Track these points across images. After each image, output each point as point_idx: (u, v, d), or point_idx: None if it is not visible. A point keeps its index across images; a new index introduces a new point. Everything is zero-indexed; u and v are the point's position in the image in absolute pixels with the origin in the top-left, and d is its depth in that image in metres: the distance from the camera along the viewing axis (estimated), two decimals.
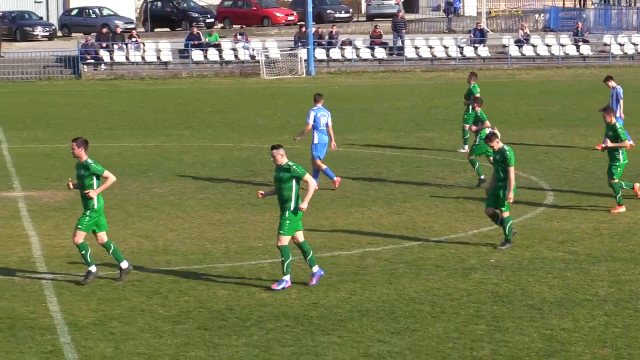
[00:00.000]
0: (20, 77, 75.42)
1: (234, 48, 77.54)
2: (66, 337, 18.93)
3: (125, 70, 75.45)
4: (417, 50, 78.84)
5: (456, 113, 51.75)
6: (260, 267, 23.65)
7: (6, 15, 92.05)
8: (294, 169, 21.38)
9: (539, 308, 20.20)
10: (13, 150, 41.97)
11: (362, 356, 17.64)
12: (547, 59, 77.80)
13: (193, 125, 49.36)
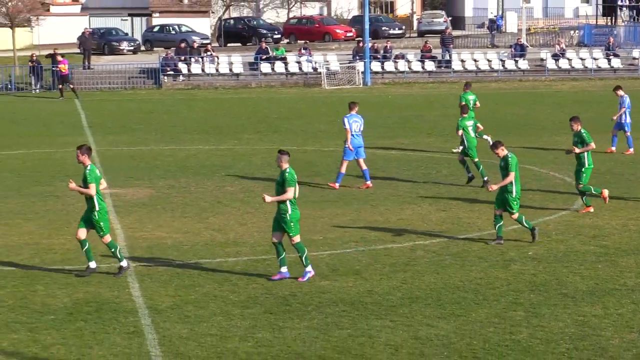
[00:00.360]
0: (107, 87, 75.79)
1: (299, 61, 77.54)
2: (147, 320, 19.07)
3: (201, 81, 75.62)
4: (463, 63, 78.58)
5: (498, 120, 51.56)
6: (320, 257, 23.62)
7: (95, 31, 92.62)
8: (286, 176, 21.44)
9: (572, 296, 20.13)
10: (100, 152, 42.10)
11: (412, 339, 17.62)
12: (581, 72, 77.28)
13: (261, 130, 49.39)
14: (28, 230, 27.05)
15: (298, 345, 17.43)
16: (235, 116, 56.72)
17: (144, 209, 29.58)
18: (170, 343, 17.71)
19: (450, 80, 75.91)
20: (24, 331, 18.52)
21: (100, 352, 17.31)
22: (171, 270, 22.64)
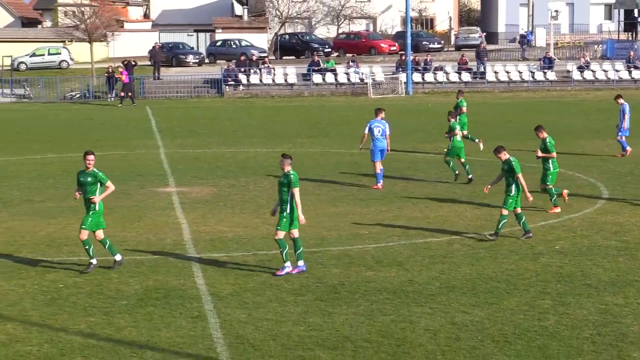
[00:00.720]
0: (175, 95, 76.16)
1: (347, 72, 77.62)
2: (209, 305, 19.14)
3: (259, 90, 75.85)
4: (496, 74, 78.37)
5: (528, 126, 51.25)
6: (366, 250, 23.61)
7: (165, 45, 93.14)
8: (290, 178, 21.26)
9: (596, 287, 20.00)
10: (168, 154, 42.35)
11: (449, 324, 17.59)
12: (604, 82, 76.85)
13: (313, 135, 49.42)
14: None
15: (346, 330, 17.46)
16: (289, 122, 56.82)
17: (207, 205, 29.70)
18: (230, 326, 17.78)
19: (484, 90, 75.78)
20: (99, 315, 18.66)
21: (168, 334, 17.42)
22: (231, 261, 22.70)
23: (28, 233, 26.16)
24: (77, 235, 25.74)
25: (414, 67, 77.32)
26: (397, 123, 51.70)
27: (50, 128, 55.26)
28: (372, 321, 17.96)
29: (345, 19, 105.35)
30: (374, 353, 16.28)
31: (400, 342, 16.79)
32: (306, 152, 42.15)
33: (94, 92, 76.47)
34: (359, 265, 22.07)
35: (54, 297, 19.91)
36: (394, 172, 35.15)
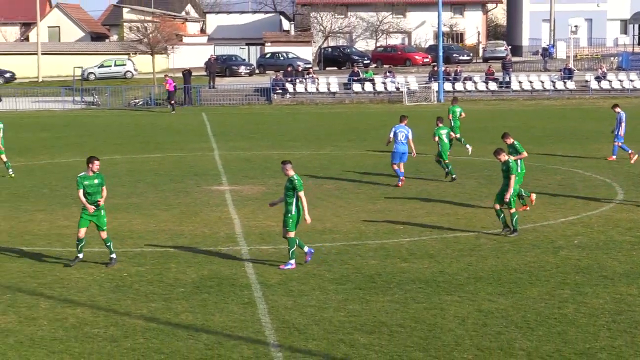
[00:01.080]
0: (228, 103, 76.36)
1: (384, 82, 77.49)
2: (258, 293, 19.20)
3: (304, 98, 75.89)
4: (520, 84, 78.01)
5: (549, 131, 51.02)
6: (401, 244, 23.58)
7: (219, 57, 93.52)
8: (295, 182, 21.11)
9: (611, 278, 19.90)
10: (222, 155, 42.44)
11: (476, 311, 17.56)
12: (619, 91, 76.37)
13: (353, 138, 49.36)
14: (163, 219, 27.35)
15: (382, 316, 17.47)
16: (331, 127, 56.75)
17: (256, 202, 29.77)
18: (277, 312, 17.83)
19: (509, 98, 75.48)
20: (159, 301, 18.76)
21: (221, 318, 17.48)
22: (278, 253, 22.72)
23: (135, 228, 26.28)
24: (139, 228, 26.00)
25: (445, 77, 77.15)
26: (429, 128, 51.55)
27: (116, 132, 55.58)
28: (406, 308, 17.97)
29: (383, 33, 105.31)
30: (407, 337, 16.28)
31: (431, 327, 16.79)
32: (346, 154, 42.17)
33: (155, 99, 76.82)
34: (394, 257, 22.07)
35: (119, 285, 20.06)
36: (427, 173, 35.11)
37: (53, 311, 18.17)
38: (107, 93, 79.44)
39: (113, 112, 72.45)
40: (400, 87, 76.30)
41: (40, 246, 23.92)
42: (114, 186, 33.76)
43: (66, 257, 22.57)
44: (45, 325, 17.34)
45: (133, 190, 32.98)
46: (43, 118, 67.56)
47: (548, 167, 37.05)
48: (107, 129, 57.65)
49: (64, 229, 25.97)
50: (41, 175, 37.21)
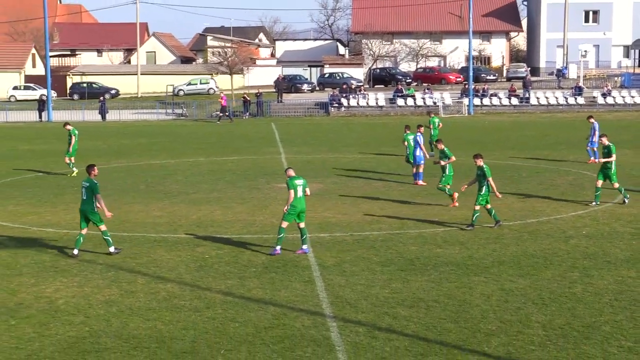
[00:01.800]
0: (293, 114, 76.57)
1: (423, 97, 77.26)
2: (317, 273, 19.22)
3: (357, 111, 75.87)
4: (538, 99, 77.48)
5: (562, 139, 50.47)
6: (436, 233, 23.47)
7: (286, 77, 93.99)
8: (287, 182, 21.14)
9: (614, 263, 19.67)
10: (287, 158, 42.55)
11: (499, 290, 17.47)
12: (622, 106, 75.49)
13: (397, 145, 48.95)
14: (239, 211, 27.45)
15: (420, 293, 17.42)
16: (379, 135, 56.69)
17: (316, 197, 29.66)
18: (332, 289, 17.84)
19: (529, 111, 74.89)
20: (235, 278, 18.84)
21: (286, 294, 17.53)
22: (334, 239, 22.74)
23: (183, 217, 26.51)
24: (219, 218, 26.11)
25: (474, 93, 76.92)
26: (460, 136, 51.45)
27: (200, 139, 55.96)
28: (440, 287, 17.90)
29: (422, 56, 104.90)
30: (441, 311, 16.23)
31: (461, 303, 16.73)
32: (391, 158, 41.99)
33: (233, 111, 77.26)
34: (431, 244, 21.98)
35: (202, 265, 20.18)
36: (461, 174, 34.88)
37: (148, 286, 18.36)
38: (193, 106, 79.97)
39: (198, 122, 72.96)
40: (437, 102, 76.07)
41: (137, 232, 24.17)
42: (198, 183, 34.12)
43: (160, 243, 22.78)
44: (141, 298, 17.52)
45: (214, 186, 33.18)
46: (141, 127, 68.22)
47: (561, 169, 36.72)
48: (193, 136, 58.08)
49: (157, 219, 26.22)
50: (139, 173, 37.57)
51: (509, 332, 15.03)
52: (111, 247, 21.38)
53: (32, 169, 39.52)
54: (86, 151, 47.93)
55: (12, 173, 38.11)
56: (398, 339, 14.75)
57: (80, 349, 14.60)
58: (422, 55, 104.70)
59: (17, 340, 15.10)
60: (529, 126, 62.08)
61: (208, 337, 15.04)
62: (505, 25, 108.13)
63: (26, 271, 19.80)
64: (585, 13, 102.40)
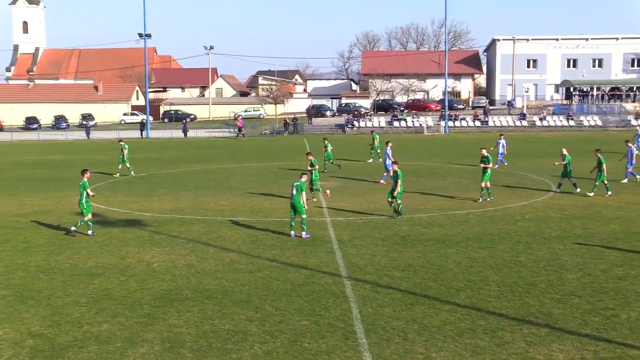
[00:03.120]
0: (319, 132, 76.10)
1: (412, 120, 76.90)
2: (336, 246, 19.15)
3: (365, 130, 75.27)
4: (494, 122, 76.83)
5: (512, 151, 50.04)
6: (422, 218, 23.27)
7: (314, 106, 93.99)
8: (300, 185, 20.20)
9: (548, 239, 19.47)
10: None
11: (467, 259, 17.43)
12: (553, 127, 74.72)
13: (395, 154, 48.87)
14: (280, 201, 27.22)
15: (410, 260, 17.35)
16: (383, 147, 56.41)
17: (336, 191, 29.48)
18: (347, 258, 17.79)
19: (488, 131, 74.16)
20: (277, 249, 18.81)
21: (314, 260, 17.53)
22: (348, 222, 22.63)
23: (241, 205, 26.52)
24: (266, 206, 26.07)
25: (449, 117, 76.50)
26: (439, 148, 51.09)
27: (253, 149, 55.97)
28: (424, 256, 17.81)
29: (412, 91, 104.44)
30: (424, 273, 16.16)
31: (439, 267, 16.65)
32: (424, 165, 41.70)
33: (276, 130, 77.37)
34: (418, 226, 21.84)
35: (254, 240, 20.18)
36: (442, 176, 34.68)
37: (216, 254, 18.39)
38: (248, 126, 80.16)
39: (251, 138, 72.98)
40: (422, 124, 75.69)
41: (209, 216, 24.21)
42: (249, 181, 34.11)
43: (224, 224, 22.79)
44: (211, 262, 17.57)
45: (263, 183, 33.18)
46: (211, 141, 68.37)
47: (510, 172, 36.41)
48: (248, 148, 58.14)
49: (223, 206, 26.25)
50: (211, 174, 37.66)
51: (473, 288, 14.96)
52: (90, 231, 21.01)
53: (135, 171, 39.75)
54: (172, 159, 48.22)
55: (122, 173, 38.36)
56: (394, 293, 14.72)
57: (168, 298, 14.70)
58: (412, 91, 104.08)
59: (125, 291, 15.23)
60: (486, 142, 61.44)
61: (258, 291, 15.07)
62: (471, 69, 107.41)
63: (131, 243, 19.97)
64: (527, 61, 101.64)
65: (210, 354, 11.67)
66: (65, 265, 17.51)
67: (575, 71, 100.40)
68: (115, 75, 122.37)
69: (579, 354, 11.46)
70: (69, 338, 12.52)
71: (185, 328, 12.88)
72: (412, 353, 11.55)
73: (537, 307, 13.66)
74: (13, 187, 33.40)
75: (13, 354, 11.87)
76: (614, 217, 22.73)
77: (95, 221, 22.39)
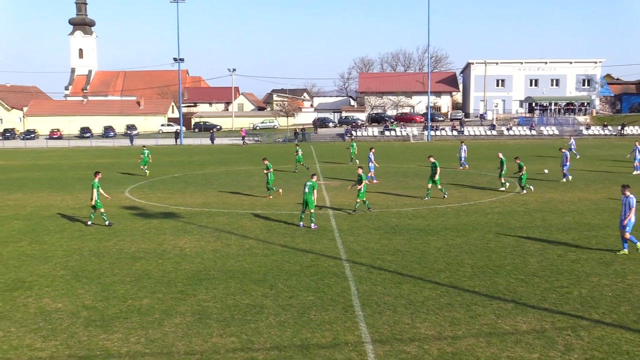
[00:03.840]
0: (323, 140, 76.02)
1: (401, 130, 76.75)
2: (337, 234, 19.01)
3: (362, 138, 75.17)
4: (469, 132, 76.80)
5: (481, 155, 49.73)
6: (408, 210, 23.15)
7: (319, 118, 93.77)
8: (313, 184, 19.99)
9: (513, 229, 19.27)
10: (321, 165, 42.03)
11: (445, 245, 17.28)
12: (518, 136, 74.68)
13: (381, 160, 48.52)
14: (292, 197, 27.15)
15: (398, 246, 17.23)
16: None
17: (337, 189, 29.45)
18: (346, 244, 17.69)
19: (463, 139, 74.11)
20: (289, 237, 18.69)
21: (318, 246, 17.40)
22: (347, 214, 22.54)
23: (258, 200, 26.32)
24: (280, 201, 25.96)
25: (431, 128, 76.23)
26: (422, 154, 50.87)
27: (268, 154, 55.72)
28: (410, 243, 17.70)
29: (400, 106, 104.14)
30: (410, 257, 16.07)
31: (422, 252, 16.55)
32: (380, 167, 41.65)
33: (288, 138, 77.30)
34: (405, 217, 21.73)
35: (269, 229, 20.07)
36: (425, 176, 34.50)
37: (238, 241, 18.35)
38: (264, 135, 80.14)
39: (268, 145, 72.88)
40: (409, 133, 75.50)
41: (231, 209, 24.14)
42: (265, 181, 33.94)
43: (244, 216, 22.74)
44: (234, 248, 17.53)
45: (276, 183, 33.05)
46: (234, 148, 68.24)
47: (482, 173, 36.25)
48: (264, 153, 57.96)
49: (243, 201, 26.18)
50: (233, 175, 37.61)
51: (451, 270, 14.90)
52: (106, 222, 20.61)
53: (171, 172, 39.80)
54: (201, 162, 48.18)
55: (160, 174, 38.41)
56: (385, 274, 14.67)
57: (198, 277, 14.69)
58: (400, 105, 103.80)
59: (162, 272, 15.23)
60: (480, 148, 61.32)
61: (273, 271, 15.04)
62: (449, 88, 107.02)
63: (168, 231, 19.97)
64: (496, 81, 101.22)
65: (232, 324, 11.68)
66: (113, 250, 17.54)
67: (536, 89, 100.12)
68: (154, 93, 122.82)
69: (539, 324, 11.44)
70: (116, 310, 12.55)
71: (212, 302, 12.89)
72: (400, 324, 11.53)
73: (504, 286, 13.61)
74: (70, 186, 33.47)
75: (70, 323, 11.92)
76: (569, 210, 22.62)
77: (135, 214, 22.43)
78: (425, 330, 11.23)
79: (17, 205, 26.42)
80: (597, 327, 11.26)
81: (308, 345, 10.65)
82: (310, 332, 11.22)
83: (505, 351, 10.33)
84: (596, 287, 13.48)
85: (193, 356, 10.36)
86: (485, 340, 10.76)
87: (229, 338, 11.06)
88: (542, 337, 10.87)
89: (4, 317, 12.30)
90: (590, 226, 19.63)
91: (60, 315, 12.36)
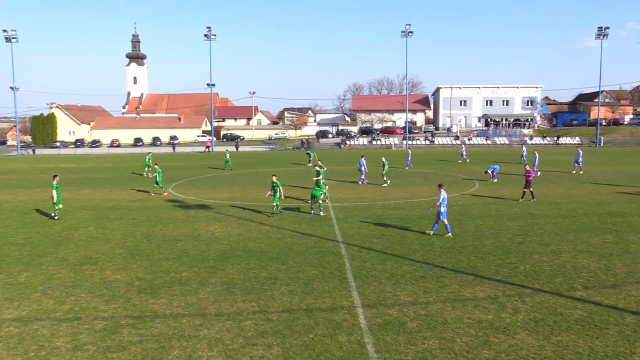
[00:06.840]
0: (324, 148, 75.28)
1: (386, 140, 76.48)
2: (335, 222, 18.81)
3: (355, 147, 74.74)
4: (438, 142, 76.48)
5: (449, 160, 49.36)
6: (389, 204, 22.88)
7: (320, 131, 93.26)
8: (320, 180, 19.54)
9: (472, 217, 19.06)
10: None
11: (420, 230, 17.13)
12: (477, 145, 74.35)
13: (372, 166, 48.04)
14: (300, 192, 26.69)
15: (383, 232, 17.03)
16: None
17: (336, 187, 29.13)
18: (343, 230, 17.59)
19: (434, 147, 73.72)
20: (297, 224, 18.48)
21: (320, 231, 17.31)
22: (342, 206, 22.28)
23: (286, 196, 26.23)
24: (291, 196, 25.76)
25: (409, 138, 75.89)
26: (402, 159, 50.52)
27: (281, 159, 55.49)
28: (393, 228, 17.56)
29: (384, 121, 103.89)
30: (392, 239, 15.97)
31: (402, 235, 16.43)
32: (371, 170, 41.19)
33: (296, 146, 76.98)
34: (388, 209, 21.52)
35: (282, 218, 19.83)
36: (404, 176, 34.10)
37: (256, 228, 18.19)
38: (278, 144, 79.89)
39: (280, 152, 72.55)
40: (391, 142, 75.17)
41: (248, 202, 24.04)
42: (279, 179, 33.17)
43: (262, 208, 22.54)
44: (254, 233, 17.31)
45: (287, 181, 32.89)
46: (254, 153, 67.70)
47: (448, 174, 36.05)
48: (278, 158, 57.76)
49: (261, 196, 25.93)
50: (253, 175, 37.36)
51: (424, 249, 14.87)
52: (56, 217, 19.07)
53: (204, 173, 39.76)
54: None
55: (195, 174, 38.36)
56: (373, 253, 14.62)
57: (225, 255, 14.69)
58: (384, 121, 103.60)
59: (197, 251, 15.24)
60: (435, 155, 61.03)
61: (284, 251, 15.00)
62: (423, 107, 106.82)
63: (202, 219, 19.92)
64: (460, 101, 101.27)
65: (252, 292, 11.71)
66: (159, 234, 17.53)
67: (491, 108, 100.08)
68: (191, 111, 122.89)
69: (493, 292, 11.45)
70: (162, 281, 12.59)
71: (236, 275, 12.91)
72: (384, 292, 11.54)
73: (466, 262, 13.59)
74: (127, 184, 33.46)
75: (126, 291, 11.99)
76: (517, 203, 22.45)
77: (177, 206, 22.42)
78: (404, 297, 11.25)
79: (85, 198, 26.47)
80: (538, 294, 11.28)
81: (312, 309, 10.69)
82: (313, 299, 11.24)
83: (466, 313, 10.37)
84: (537, 263, 13.47)
85: (221, 317, 10.45)
86: (451, 305, 10.79)
87: (249, 303, 11.12)
88: (496, 302, 10.90)
89: (76, 285, 12.41)
90: (533, 215, 19.51)
91: (118, 285, 12.43)
